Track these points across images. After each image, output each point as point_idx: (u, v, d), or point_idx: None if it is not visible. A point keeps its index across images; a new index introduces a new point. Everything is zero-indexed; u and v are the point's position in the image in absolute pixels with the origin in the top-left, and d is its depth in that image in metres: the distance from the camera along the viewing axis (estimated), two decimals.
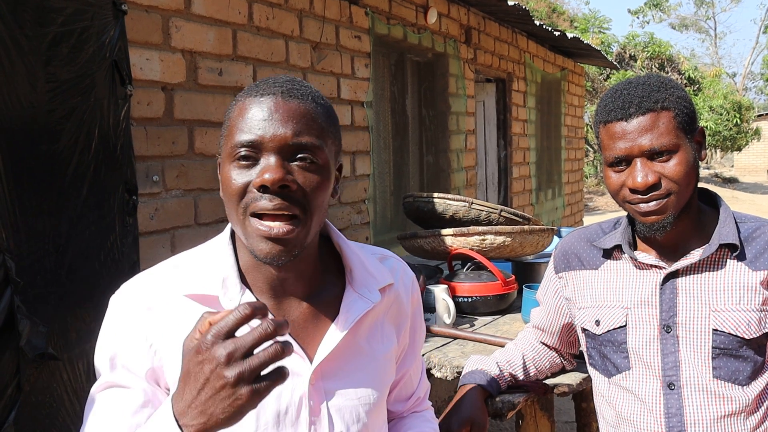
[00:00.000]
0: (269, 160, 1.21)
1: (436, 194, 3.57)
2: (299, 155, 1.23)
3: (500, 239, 3.13)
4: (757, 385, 1.73)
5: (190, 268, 1.34)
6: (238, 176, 1.23)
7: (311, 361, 1.31)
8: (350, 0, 5.01)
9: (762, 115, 32.83)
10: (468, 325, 2.88)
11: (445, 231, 3.21)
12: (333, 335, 1.33)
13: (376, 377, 1.41)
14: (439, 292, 2.86)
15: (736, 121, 24.64)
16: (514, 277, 3.17)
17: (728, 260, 1.74)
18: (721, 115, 24.47)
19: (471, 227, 3.20)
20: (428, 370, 2.43)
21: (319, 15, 4.64)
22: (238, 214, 1.24)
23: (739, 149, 27.30)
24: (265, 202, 1.20)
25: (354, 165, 5.14)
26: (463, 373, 2.17)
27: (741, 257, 1.73)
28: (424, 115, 6.57)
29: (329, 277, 1.41)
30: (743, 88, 43.32)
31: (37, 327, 2.28)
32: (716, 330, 1.71)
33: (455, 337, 2.69)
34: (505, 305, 3.07)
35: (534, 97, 8.95)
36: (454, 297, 2.96)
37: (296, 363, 1.29)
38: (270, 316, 1.25)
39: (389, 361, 1.46)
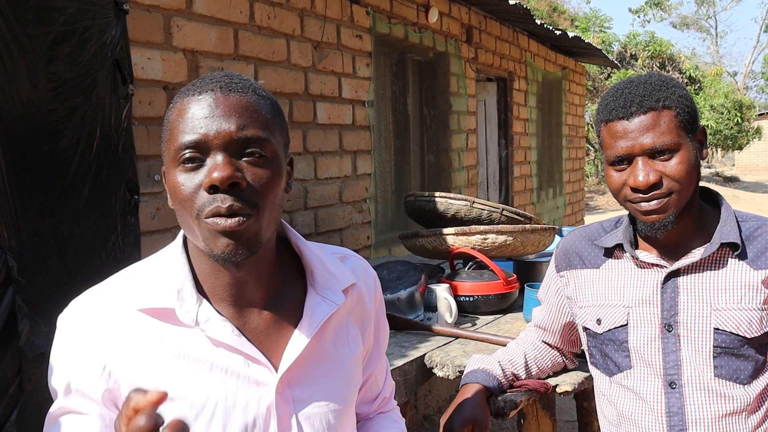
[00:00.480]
0: (216, 159, 1.16)
1: (437, 193, 3.57)
2: (247, 150, 1.18)
3: (502, 238, 3.13)
4: (758, 384, 1.73)
5: (142, 281, 1.27)
6: (186, 180, 1.17)
7: (276, 370, 1.26)
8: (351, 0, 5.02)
9: (763, 114, 32.80)
10: (470, 324, 2.89)
11: (446, 230, 3.21)
12: (297, 341, 1.28)
13: (344, 382, 1.37)
14: (441, 291, 2.86)
15: (737, 120, 24.63)
16: (515, 276, 3.17)
17: (729, 259, 1.74)
18: (722, 114, 24.46)
19: (473, 226, 3.19)
20: (430, 369, 2.44)
21: (321, 14, 4.65)
22: (192, 220, 1.18)
23: (740, 148, 27.29)
24: (218, 205, 1.14)
25: (355, 164, 5.15)
26: (465, 372, 2.17)
27: (742, 256, 1.73)
28: (425, 114, 6.57)
29: (289, 280, 1.36)
30: (744, 87, 43.31)
31: (39, 326, 2.28)
32: (717, 329, 1.71)
33: (457, 336, 2.69)
34: (506, 304, 3.07)
35: (535, 97, 8.95)
36: (455, 296, 2.96)
37: (261, 372, 1.25)
38: (232, 328, 1.24)
39: (356, 364, 1.41)
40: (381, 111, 5.79)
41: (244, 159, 1.18)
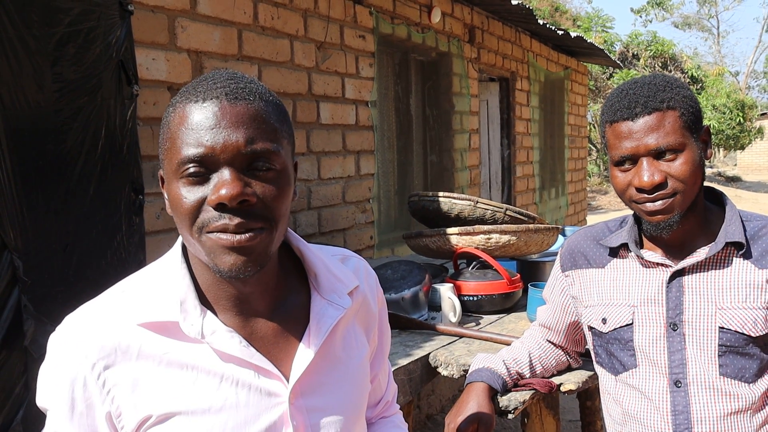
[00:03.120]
0: (223, 174, 1.09)
1: (441, 193, 3.58)
2: (255, 164, 1.11)
3: (505, 238, 3.13)
4: (763, 383, 1.73)
5: (141, 294, 1.20)
6: (189, 193, 1.10)
7: (288, 379, 1.21)
8: (354, 0, 5.02)
9: (765, 113, 32.68)
10: (473, 324, 2.89)
11: (450, 230, 3.22)
12: (307, 349, 1.23)
13: (356, 386, 1.33)
14: (445, 290, 2.86)
15: (739, 120, 24.59)
16: (519, 275, 3.18)
17: (734, 258, 1.75)
18: (724, 113, 24.43)
19: (476, 226, 3.20)
20: (435, 368, 2.44)
21: (324, 15, 4.65)
22: (192, 234, 1.12)
23: (742, 148, 27.26)
24: (225, 222, 1.09)
25: (358, 164, 5.15)
26: (469, 371, 2.18)
27: (747, 255, 1.74)
28: (428, 114, 6.58)
29: (292, 284, 1.30)
30: (746, 86, 43.23)
31: (44, 326, 2.29)
32: (722, 328, 1.72)
33: (461, 336, 2.69)
34: (510, 304, 3.08)
35: (537, 96, 8.96)
36: (459, 296, 2.96)
37: (273, 383, 1.20)
38: (240, 339, 1.19)
39: (365, 368, 1.37)
40: (384, 111, 5.80)
41: (253, 173, 1.12)
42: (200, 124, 1.10)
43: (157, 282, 1.22)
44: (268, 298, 1.25)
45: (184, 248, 1.25)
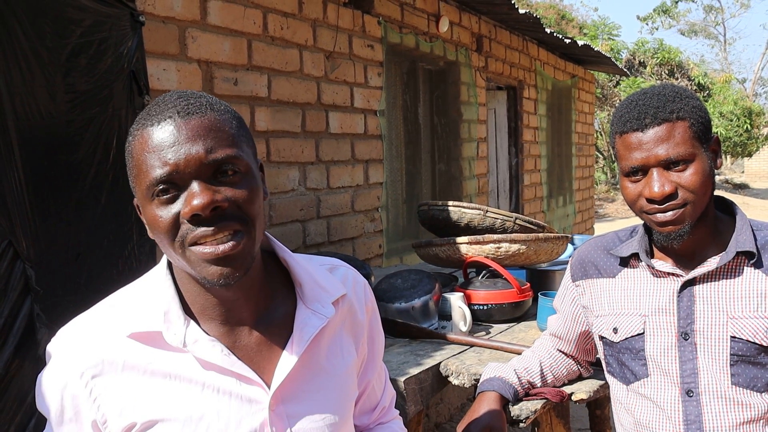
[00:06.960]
0: (192, 187, 1.13)
1: (451, 202, 3.58)
2: (220, 171, 1.15)
3: (515, 247, 3.14)
4: None
5: (127, 307, 1.26)
6: (164, 212, 1.14)
7: (269, 386, 1.26)
8: (363, 9, 5.04)
9: None
10: (484, 333, 2.89)
11: (460, 239, 3.22)
12: (289, 357, 1.27)
13: (339, 395, 1.36)
14: (455, 299, 2.86)
15: (747, 127, 24.53)
16: (528, 284, 3.18)
17: (745, 268, 1.75)
18: (731, 121, 24.38)
19: (486, 235, 3.21)
20: (445, 378, 2.45)
21: (333, 24, 4.67)
22: (176, 249, 1.16)
23: (750, 155, 27.20)
24: (203, 230, 1.13)
25: (367, 173, 5.16)
26: (481, 380, 2.18)
27: (758, 265, 1.74)
28: (436, 123, 6.59)
29: (279, 295, 1.34)
30: (753, 93, 43.06)
31: None
32: (734, 337, 1.72)
33: (472, 345, 2.69)
34: (520, 313, 3.08)
35: (545, 105, 8.97)
36: (469, 305, 2.96)
37: (254, 390, 1.25)
38: (221, 347, 1.23)
39: (351, 376, 1.40)
40: (392, 120, 5.82)
41: (219, 180, 1.16)
42: (160, 144, 1.14)
43: (143, 295, 1.28)
44: (252, 306, 1.29)
45: (169, 262, 1.29)
